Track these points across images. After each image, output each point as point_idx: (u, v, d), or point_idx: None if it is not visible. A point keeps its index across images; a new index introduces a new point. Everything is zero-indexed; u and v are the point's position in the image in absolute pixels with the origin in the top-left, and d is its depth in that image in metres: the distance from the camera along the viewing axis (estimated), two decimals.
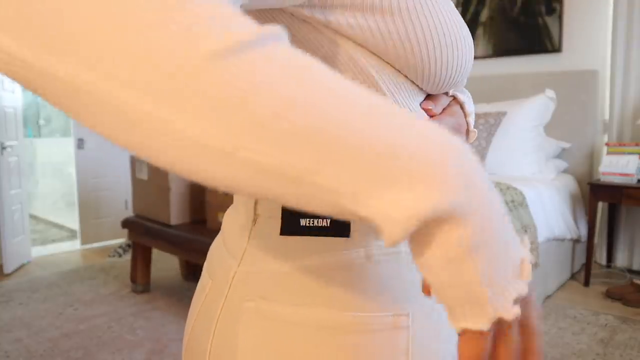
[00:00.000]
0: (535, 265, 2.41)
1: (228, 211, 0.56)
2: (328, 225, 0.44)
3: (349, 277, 0.44)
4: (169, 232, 2.65)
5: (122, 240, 4.07)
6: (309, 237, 0.45)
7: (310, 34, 0.42)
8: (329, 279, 0.44)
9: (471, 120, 0.54)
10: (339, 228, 0.44)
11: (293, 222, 0.45)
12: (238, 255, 0.49)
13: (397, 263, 0.46)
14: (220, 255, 0.53)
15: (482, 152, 3.06)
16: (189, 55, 0.25)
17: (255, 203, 0.48)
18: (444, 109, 0.50)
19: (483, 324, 0.30)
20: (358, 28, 0.41)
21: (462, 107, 0.52)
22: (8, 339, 2.34)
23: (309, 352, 0.42)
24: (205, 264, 0.57)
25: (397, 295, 0.44)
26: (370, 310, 0.43)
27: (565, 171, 3.41)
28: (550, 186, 2.97)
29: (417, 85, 0.46)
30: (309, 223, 0.45)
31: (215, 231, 2.53)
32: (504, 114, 3.18)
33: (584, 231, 3.18)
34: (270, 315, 0.44)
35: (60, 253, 3.98)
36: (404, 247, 0.46)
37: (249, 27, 0.27)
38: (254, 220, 0.48)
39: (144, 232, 2.86)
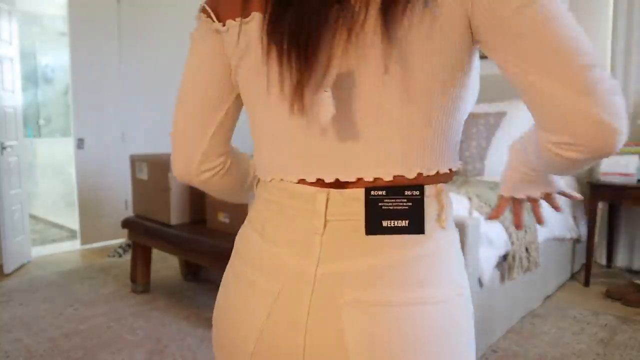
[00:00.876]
0: (535, 266, 2.41)
1: (274, 221, 0.60)
2: (407, 225, 0.55)
3: (428, 263, 0.55)
4: (169, 232, 2.65)
5: (122, 240, 4.07)
6: (389, 235, 0.54)
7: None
8: (413, 267, 0.54)
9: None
10: (416, 226, 0.55)
11: (376, 224, 0.54)
12: (312, 257, 0.56)
13: (455, 248, 0.59)
14: (279, 259, 0.58)
15: (482, 152, 3.06)
16: (597, 59, 0.46)
17: (326, 209, 0.56)
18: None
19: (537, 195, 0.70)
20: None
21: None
22: (8, 338, 2.34)
23: (408, 325, 0.53)
24: (250, 270, 0.61)
25: (456, 272, 0.58)
26: (445, 285, 0.56)
27: None
28: None
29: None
30: (389, 224, 0.54)
31: (215, 231, 2.52)
32: (504, 114, 3.18)
33: (583, 231, 3.18)
34: (370, 306, 0.53)
35: (60, 253, 3.98)
36: (457, 236, 0.61)
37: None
38: (324, 225, 0.56)
39: (144, 232, 2.85)
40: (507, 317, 2.36)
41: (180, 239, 2.57)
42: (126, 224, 2.99)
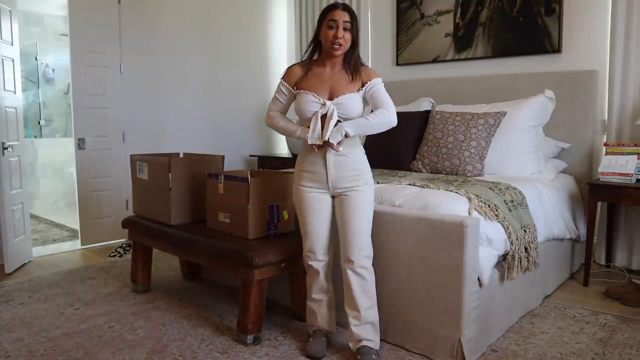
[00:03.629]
0: (534, 265, 2.42)
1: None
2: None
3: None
4: (169, 232, 2.66)
5: (122, 240, 4.08)
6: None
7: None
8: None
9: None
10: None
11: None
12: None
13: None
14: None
15: (482, 152, 3.07)
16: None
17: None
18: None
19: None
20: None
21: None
22: (9, 338, 2.34)
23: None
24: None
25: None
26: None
27: (564, 171, 3.41)
28: (550, 186, 2.98)
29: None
30: None
31: (215, 231, 2.53)
32: (503, 114, 3.18)
33: (583, 231, 3.19)
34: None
35: (61, 253, 3.99)
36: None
37: None
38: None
39: (144, 232, 2.86)
40: (507, 317, 2.37)
41: (180, 239, 2.57)
42: (126, 224, 3.00)
